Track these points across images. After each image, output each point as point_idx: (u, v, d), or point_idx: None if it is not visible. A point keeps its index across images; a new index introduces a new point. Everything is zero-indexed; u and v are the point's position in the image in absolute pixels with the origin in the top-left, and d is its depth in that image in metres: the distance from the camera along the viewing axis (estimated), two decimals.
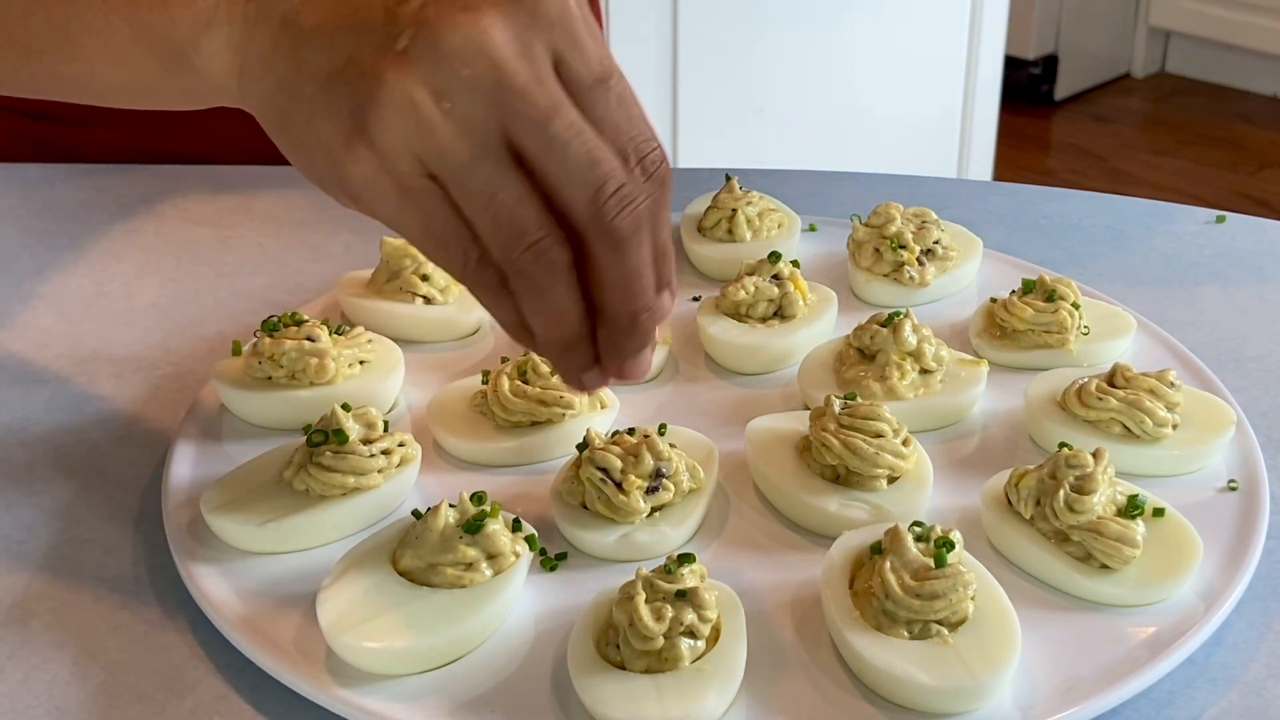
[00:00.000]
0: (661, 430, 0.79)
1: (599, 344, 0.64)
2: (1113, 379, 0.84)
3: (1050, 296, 0.93)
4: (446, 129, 0.59)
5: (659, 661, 0.66)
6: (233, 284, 1.06)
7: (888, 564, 0.69)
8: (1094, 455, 0.75)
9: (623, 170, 0.60)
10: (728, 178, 1.07)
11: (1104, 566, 0.72)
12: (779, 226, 1.05)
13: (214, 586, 0.73)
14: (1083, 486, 0.73)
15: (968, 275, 1.02)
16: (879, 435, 0.78)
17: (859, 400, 0.81)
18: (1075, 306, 0.92)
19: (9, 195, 1.18)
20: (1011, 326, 0.93)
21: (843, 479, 0.79)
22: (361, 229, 1.12)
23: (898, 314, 0.87)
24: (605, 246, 0.61)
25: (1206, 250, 1.09)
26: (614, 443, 0.78)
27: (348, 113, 0.60)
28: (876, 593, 0.68)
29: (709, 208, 1.05)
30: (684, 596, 0.67)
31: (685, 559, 0.69)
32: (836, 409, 0.80)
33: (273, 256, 1.09)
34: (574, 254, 0.61)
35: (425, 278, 0.95)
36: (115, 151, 1.23)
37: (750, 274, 0.94)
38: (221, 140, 1.23)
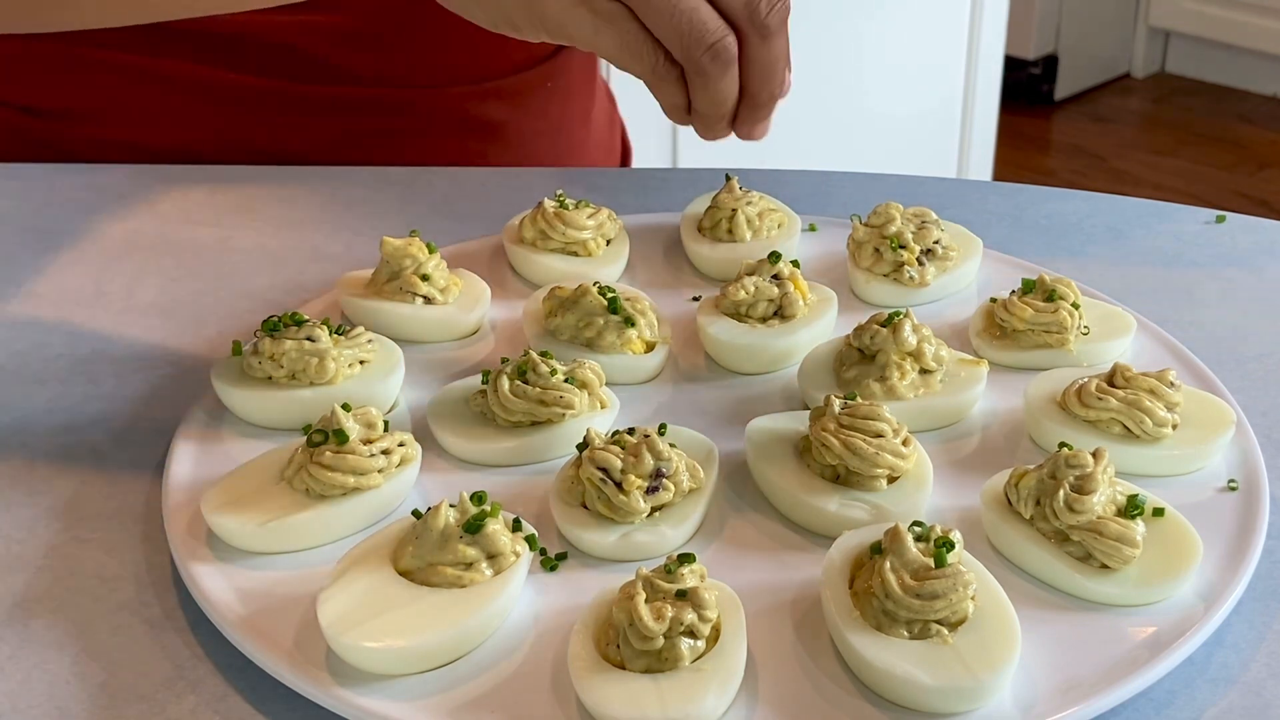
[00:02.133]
0: (661, 430, 0.79)
1: (738, 116, 0.81)
2: (1113, 379, 0.84)
3: (1050, 296, 0.93)
4: None
5: (659, 661, 0.66)
6: (233, 284, 1.06)
7: (888, 564, 0.69)
8: (1094, 455, 0.75)
9: None
10: (728, 178, 1.07)
11: (1104, 566, 0.72)
12: (779, 226, 1.05)
13: (214, 586, 0.73)
14: (1083, 486, 0.73)
15: (968, 275, 1.02)
16: (879, 435, 0.78)
17: (859, 400, 0.81)
18: (1075, 306, 0.92)
19: (9, 195, 1.18)
20: (1011, 326, 0.93)
21: (843, 479, 0.79)
22: (362, 229, 1.12)
23: (898, 314, 0.87)
24: (758, 39, 0.77)
25: (1206, 250, 1.09)
26: (614, 443, 0.78)
27: None
28: (876, 593, 0.68)
29: (709, 208, 1.05)
30: (684, 596, 0.67)
31: (685, 559, 0.69)
32: (836, 409, 0.80)
33: (273, 256, 1.09)
34: None
35: (425, 278, 0.95)
36: (115, 148, 1.23)
37: (750, 274, 0.94)
38: (221, 139, 1.23)
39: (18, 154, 1.24)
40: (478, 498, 0.73)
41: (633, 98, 1.52)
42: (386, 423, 0.81)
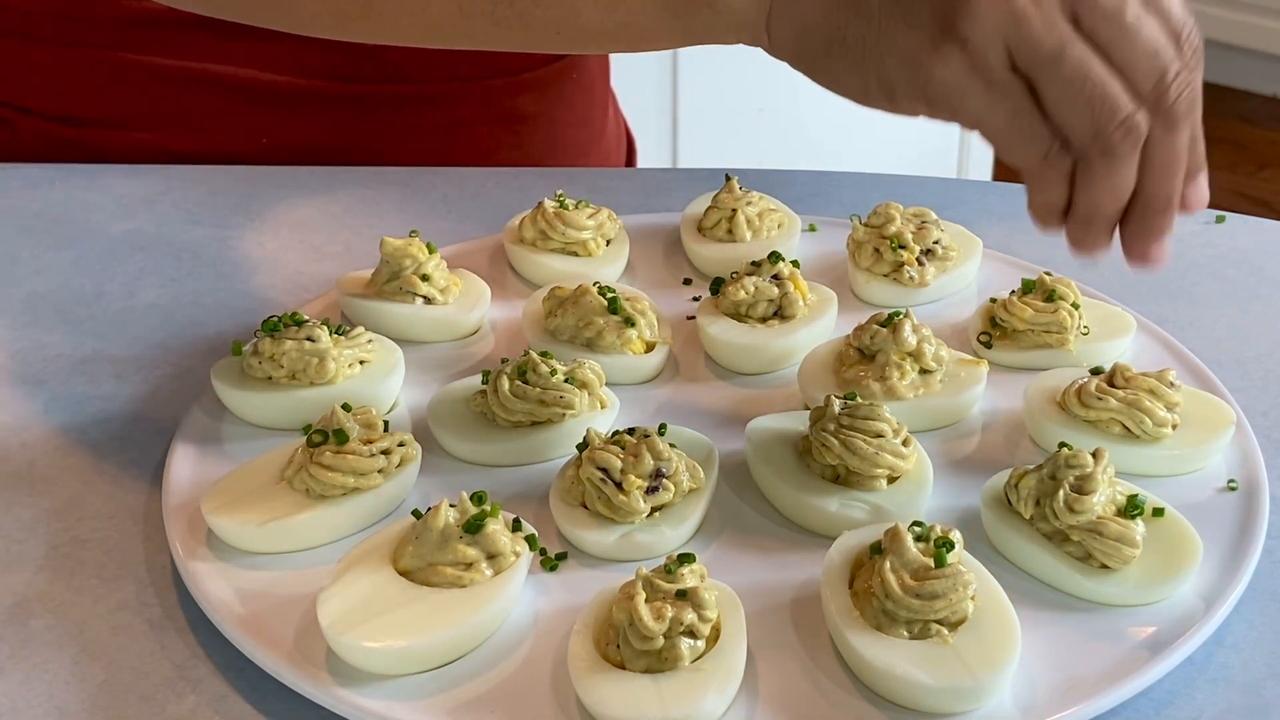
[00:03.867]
0: (661, 430, 0.79)
1: (1128, 225, 0.71)
2: (1112, 379, 0.84)
3: (1050, 296, 0.93)
4: (1036, 18, 0.65)
5: (659, 661, 0.66)
6: (233, 284, 1.06)
7: (888, 564, 0.69)
8: (1094, 455, 0.75)
9: (1177, 54, 0.66)
10: (728, 178, 1.07)
11: (1104, 566, 0.72)
12: (779, 226, 1.05)
13: (214, 586, 0.73)
14: (1083, 486, 0.73)
15: (968, 275, 1.02)
16: (879, 435, 0.78)
17: (859, 400, 0.81)
18: (1075, 306, 0.92)
19: (9, 195, 1.18)
20: (1011, 326, 0.93)
21: (843, 479, 0.79)
22: (361, 229, 1.12)
23: (898, 314, 0.87)
24: (1161, 127, 0.67)
25: (1206, 250, 1.09)
26: (614, 443, 0.78)
27: (933, 18, 0.66)
28: (876, 593, 0.68)
29: (709, 208, 1.05)
30: (684, 596, 0.67)
31: (685, 559, 0.69)
32: (836, 409, 0.80)
33: (273, 256, 1.09)
34: None
35: (425, 278, 0.95)
36: (155, 155, 1.23)
37: (750, 274, 0.94)
38: (222, 140, 1.23)
39: (45, 159, 1.24)
40: (478, 498, 0.73)
41: (632, 97, 1.52)
42: (386, 423, 0.81)
